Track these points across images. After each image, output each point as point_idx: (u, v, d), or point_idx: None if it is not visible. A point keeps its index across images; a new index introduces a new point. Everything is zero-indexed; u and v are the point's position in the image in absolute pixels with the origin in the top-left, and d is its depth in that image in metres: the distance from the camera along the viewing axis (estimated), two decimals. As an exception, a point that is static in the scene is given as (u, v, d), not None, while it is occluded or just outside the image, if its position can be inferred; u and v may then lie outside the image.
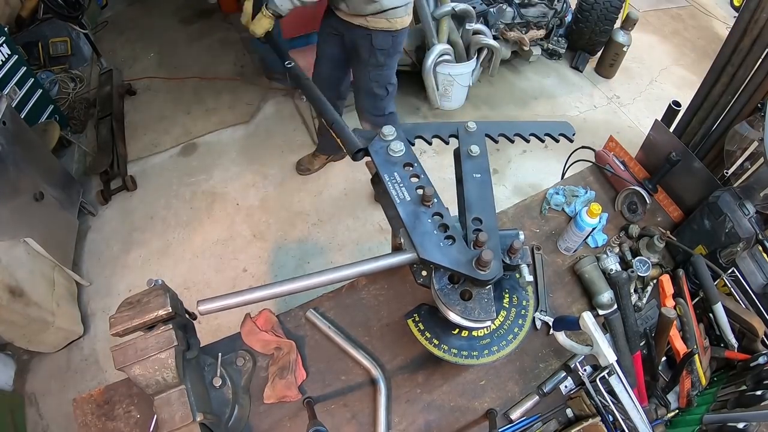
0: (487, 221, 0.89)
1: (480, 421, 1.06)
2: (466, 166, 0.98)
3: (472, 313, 0.81)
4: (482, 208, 0.91)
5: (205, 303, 0.72)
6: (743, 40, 1.47)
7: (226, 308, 0.73)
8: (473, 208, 0.91)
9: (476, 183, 0.95)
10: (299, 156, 2.94)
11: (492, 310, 0.81)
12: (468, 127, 1.04)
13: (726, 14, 4.38)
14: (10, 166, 1.98)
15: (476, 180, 0.95)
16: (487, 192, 0.93)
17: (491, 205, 0.91)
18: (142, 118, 3.24)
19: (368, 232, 2.57)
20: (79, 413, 0.99)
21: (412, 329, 0.97)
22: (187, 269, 2.43)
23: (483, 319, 0.81)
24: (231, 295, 0.74)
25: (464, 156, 1.00)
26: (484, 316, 0.81)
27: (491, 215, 0.90)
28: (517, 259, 0.88)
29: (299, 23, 2.72)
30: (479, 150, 0.99)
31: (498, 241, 0.86)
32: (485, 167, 0.97)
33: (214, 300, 0.73)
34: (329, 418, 1.03)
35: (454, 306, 0.82)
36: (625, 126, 3.21)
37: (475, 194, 0.93)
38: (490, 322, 0.82)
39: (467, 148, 1.00)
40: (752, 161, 1.30)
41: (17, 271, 1.83)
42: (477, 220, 0.89)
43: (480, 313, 0.81)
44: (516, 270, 0.91)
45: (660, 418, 1.08)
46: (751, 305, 1.14)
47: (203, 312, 0.73)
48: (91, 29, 3.52)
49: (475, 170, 0.97)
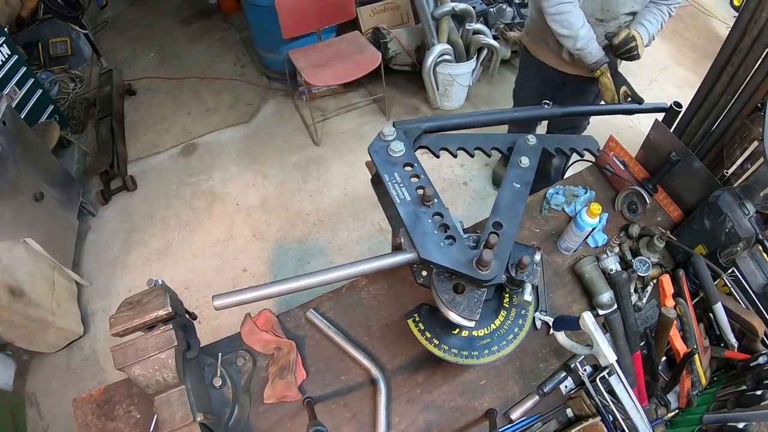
0: (507, 228, 0.88)
1: (480, 421, 1.06)
2: (511, 173, 1.00)
3: (458, 306, 0.81)
4: (508, 215, 0.91)
5: (220, 298, 0.72)
6: (743, 40, 1.47)
7: (241, 303, 0.73)
8: (499, 212, 0.91)
9: (513, 191, 0.96)
10: (299, 156, 2.94)
11: (477, 312, 0.81)
12: (528, 140, 1.07)
13: (726, 14, 4.37)
14: (10, 166, 1.98)
15: (514, 189, 0.97)
16: (519, 203, 0.94)
17: (517, 216, 0.92)
18: (142, 118, 3.24)
19: (368, 232, 2.57)
20: (79, 413, 0.99)
21: (412, 329, 0.97)
22: (187, 269, 2.43)
23: (465, 316, 0.81)
24: (246, 290, 0.73)
25: (513, 164, 1.02)
26: (468, 313, 0.81)
27: (513, 225, 0.89)
28: (522, 276, 0.86)
29: (299, 23, 2.72)
30: (528, 163, 1.02)
31: (509, 248, 0.86)
32: (528, 180, 0.99)
33: (230, 295, 0.73)
34: (329, 418, 1.03)
35: (443, 294, 0.83)
36: (625, 126, 3.21)
37: (507, 201, 0.94)
38: (469, 322, 0.81)
39: (518, 158, 1.02)
40: (752, 161, 1.30)
41: (17, 271, 1.83)
42: (498, 224, 0.89)
43: (465, 310, 0.81)
44: (520, 287, 0.90)
45: (660, 418, 1.08)
46: (751, 305, 1.14)
47: (218, 307, 0.72)
48: (91, 29, 3.52)
49: (517, 180, 0.99)
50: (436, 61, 2.86)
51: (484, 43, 2.92)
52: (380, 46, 3.05)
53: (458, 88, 3.07)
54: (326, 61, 2.72)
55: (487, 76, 3.41)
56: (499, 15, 3.12)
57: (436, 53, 2.83)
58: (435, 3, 2.82)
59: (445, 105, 3.21)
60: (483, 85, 3.43)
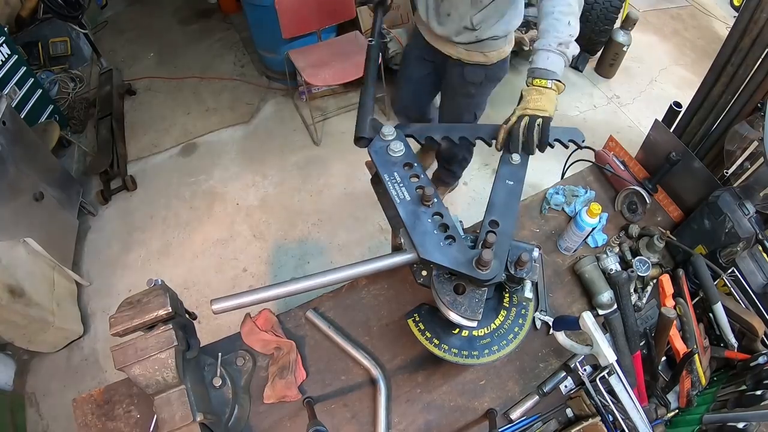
0: (503, 227, 0.89)
1: (480, 421, 1.06)
2: (503, 171, 1.00)
3: (460, 307, 0.81)
4: (503, 213, 0.91)
5: (218, 302, 0.72)
6: (743, 40, 1.47)
7: (239, 307, 0.73)
8: (495, 210, 0.92)
9: (506, 189, 0.96)
10: (299, 156, 2.94)
11: (479, 312, 0.81)
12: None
13: (726, 14, 4.37)
14: (10, 166, 1.98)
15: (507, 186, 0.97)
16: (513, 200, 0.95)
17: (513, 213, 0.92)
18: (142, 118, 3.24)
19: (368, 232, 2.57)
20: (79, 413, 0.99)
21: (412, 329, 0.97)
22: (187, 269, 2.43)
23: (467, 317, 0.81)
24: (244, 293, 0.73)
25: (504, 161, 1.01)
26: (470, 314, 0.81)
27: (510, 223, 0.90)
28: (522, 273, 0.86)
29: (299, 23, 2.72)
30: (520, 160, 1.01)
31: (507, 247, 0.86)
32: (520, 177, 0.99)
33: (228, 299, 0.72)
34: (329, 418, 1.03)
35: (444, 295, 0.83)
36: (625, 126, 3.21)
37: (501, 199, 0.94)
38: (471, 322, 0.82)
39: (509, 155, 1.02)
40: (752, 161, 1.30)
41: (17, 271, 1.83)
42: (494, 223, 0.89)
43: (466, 310, 0.81)
44: (520, 284, 0.90)
45: (660, 417, 1.08)
46: (751, 305, 1.14)
47: (217, 311, 0.72)
48: (91, 29, 3.52)
49: (509, 177, 0.98)
50: (436, 61, 2.86)
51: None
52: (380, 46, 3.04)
53: (458, 88, 3.06)
54: (326, 61, 2.72)
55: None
56: (498, 15, 3.11)
57: (436, 53, 2.83)
58: (435, 3, 2.81)
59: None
60: (483, 85, 3.43)
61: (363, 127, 1.03)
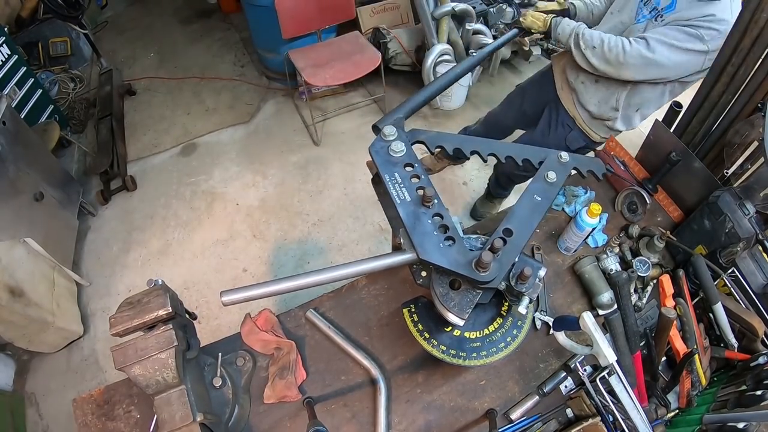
0: (516, 237, 0.86)
1: (480, 421, 1.06)
2: (534, 186, 0.94)
3: (450, 302, 0.81)
4: (520, 225, 0.88)
5: (228, 294, 0.72)
6: (743, 40, 1.46)
7: (249, 299, 0.72)
8: (513, 220, 0.88)
9: (532, 203, 0.92)
10: (299, 156, 2.94)
11: (467, 311, 0.80)
12: (561, 157, 1.01)
13: (726, 14, 4.37)
14: (10, 166, 1.98)
15: (534, 201, 0.92)
16: (536, 216, 0.90)
17: (530, 229, 0.88)
18: (142, 118, 3.24)
19: (368, 232, 2.57)
20: (79, 413, 0.99)
21: (405, 318, 0.97)
22: (187, 269, 2.43)
23: (455, 312, 0.81)
24: (254, 286, 0.73)
25: (539, 177, 0.96)
26: (457, 310, 0.80)
27: (524, 236, 0.87)
28: (521, 287, 0.84)
29: (299, 23, 2.72)
30: (556, 179, 0.96)
31: (515, 257, 0.84)
32: (550, 196, 0.94)
33: (238, 291, 0.72)
34: (329, 418, 1.03)
35: (438, 286, 0.83)
36: (625, 126, 3.21)
37: (523, 211, 0.90)
38: (459, 320, 0.81)
39: (545, 173, 0.97)
40: (752, 161, 1.30)
41: (17, 271, 1.83)
42: (508, 231, 0.87)
43: (455, 306, 0.81)
44: (519, 298, 0.87)
45: (660, 418, 1.08)
46: (751, 305, 1.14)
47: (227, 303, 0.72)
48: (91, 29, 3.52)
49: (539, 193, 0.93)
50: (436, 61, 2.86)
51: (484, 43, 2.92)
52: (380, 46, 3.05)
53: (458, 89, 3.07)
54: (326, 61, 2.72)
55: (487, 76, 3.41)
56: (499, 15, 3.11)
57: (436, 53, 2.83)
58: (435, 3, 2.82)
59: (445, 105, 3.20)
60: (483, 85, 3.43)
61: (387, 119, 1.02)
